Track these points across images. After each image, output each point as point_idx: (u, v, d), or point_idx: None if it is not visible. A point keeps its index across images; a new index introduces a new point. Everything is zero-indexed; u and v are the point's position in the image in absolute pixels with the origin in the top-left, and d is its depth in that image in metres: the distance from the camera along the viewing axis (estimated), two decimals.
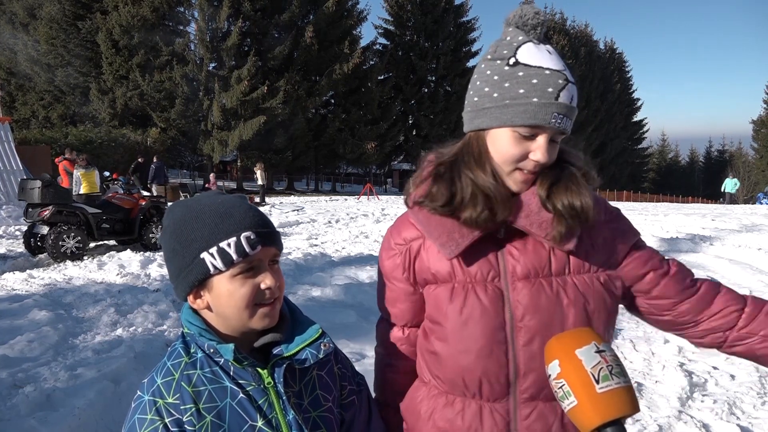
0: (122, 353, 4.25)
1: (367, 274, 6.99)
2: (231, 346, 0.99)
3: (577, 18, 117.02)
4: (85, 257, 8.78)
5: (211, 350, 1.00)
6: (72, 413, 3.20)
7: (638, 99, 61.36)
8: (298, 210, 17.73)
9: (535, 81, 1.03)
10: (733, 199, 25.78)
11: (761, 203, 25.42)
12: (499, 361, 1.11)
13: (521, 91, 1.04)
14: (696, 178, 70.41)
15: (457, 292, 1.14)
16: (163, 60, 29.78)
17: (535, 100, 1.03)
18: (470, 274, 1.13)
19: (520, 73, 1.05)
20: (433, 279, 1.19)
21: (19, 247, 9.64)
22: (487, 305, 1.11)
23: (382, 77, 37.05)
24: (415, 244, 1.21)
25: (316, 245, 9.74)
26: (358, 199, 25.63)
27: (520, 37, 1.08)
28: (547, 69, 1.04)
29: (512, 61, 1.06)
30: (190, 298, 1.04)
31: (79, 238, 8.76)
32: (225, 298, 1.00)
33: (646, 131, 62.86)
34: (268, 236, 1.03)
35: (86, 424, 3.21)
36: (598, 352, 0.92)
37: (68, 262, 8.40)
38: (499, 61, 1.08)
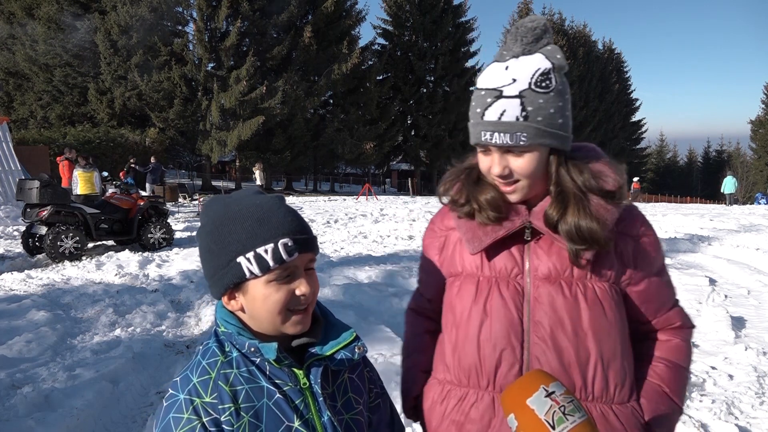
0: (120, 354, 4.25)
1: (365, 274, 6.99)
2: (274, 345, 0.98)
3: (575, 18, 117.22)
4: (84, 257, 8.77)
5: (252, 349, 0.99)
6: (70, 414, 3.20)
7: (637, 99, 61.46)
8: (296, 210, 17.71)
9: (473, 103, 1.16)
10: (734, 200, 25.28)
11: (759, 203, 25.40)
12: (514, 353, 1.18)
13: (469, 113, 1.18)
14: (694, 178, 70.52)
15: (482, 287, 1.22)
16: (162, 60, 29.71)
17: (471, 121, 1.16)
18: (495, 270, 1.22)
19: (472, 96, 1.18)
20: (460, 271, 1.28)
21: (18, 248, 9.63)
22: (508, 300, 1.19)
23: (381, 77, 37.00)
24: (454, 234, 1.32)
25: None
26: (357, 199, 25.63)
27: (493, 59, 1.18)
28: (483, 89, 1.14)
29: (475, 85, 1.19)
30: (224, 298, 1.04)
31: (78, 238, 8.75)
32: (259, 302, 1.00)
33: (645, 131, 62.92)
34: (306, 242, 1.02)
35: (84, 424, 3.21)
36: (548, 395, 0.93)
37: (66, 263, 8.39)
38: None
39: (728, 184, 24.53)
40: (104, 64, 29.87)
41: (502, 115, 1.10)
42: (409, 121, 39.41)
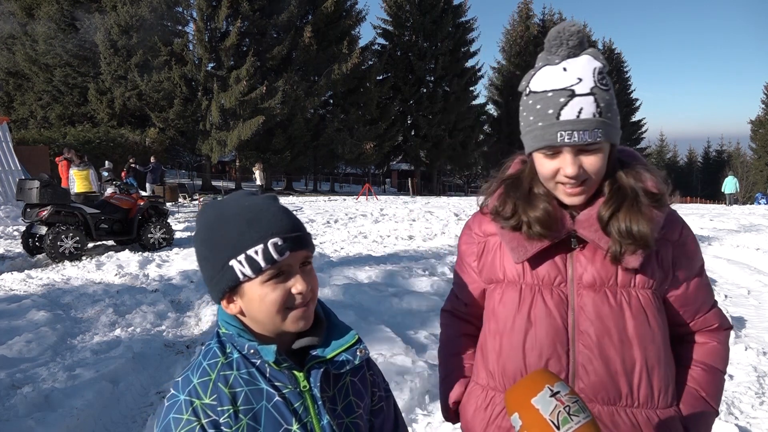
0: (120, 354, 4.25)
1: (365, 274, 6.99)
2: (273, 347, 0.98)
3: (575, 18, 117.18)
4: (84, 257, 8.77)
5: (251, 351, 0.99)
6: (70, 414, 3.20)
7: (637, 99, 61.34)
8: (296, 210, 17.73)
9: (538, 106, 1.13)
10: (734, 200, 25.19)
11: (759, 203, 25.37)
12: (560, 361, 1.18)
13: (531, 118, 1.15)
14: (694, 178, 70.44)
15: (525, 294, 1.22)
16: (162, 60, 29.71)
17: (540, 124, 1.13)
18: (538, 277, 1.21)
19: (530, 102, 1.16)
20: (501, 278, 1.27)
21: (18, 248, 9.63)
22: (552, 308, 1.19)
23: (381, 77, 36.98)
24: (493, 240, 1.31)
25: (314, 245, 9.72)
26: (357, 199, 25.62)
27: (540, 63, 1.18)
28: (551, 91, 1.12)
29: (527, 91, 1.18)
30: (224, 303, 1.04)
31: (78, 238, 8.75)
32: (256, 303, 1.00)
33: (645, 131, 62.87)
34: (298, 240, 1.01)
35: (84, 424, 3.21)
36: (553, 395, 0.93)
37: (66, 263, 8.39)
38: (522, 93, 1.21)
39: (729, 184, 24.42)
40: (104, 64, 29.87)
41: (580, 113, 1.09)
42: (409, 121, 39.40)
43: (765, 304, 5.97)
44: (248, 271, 0.97)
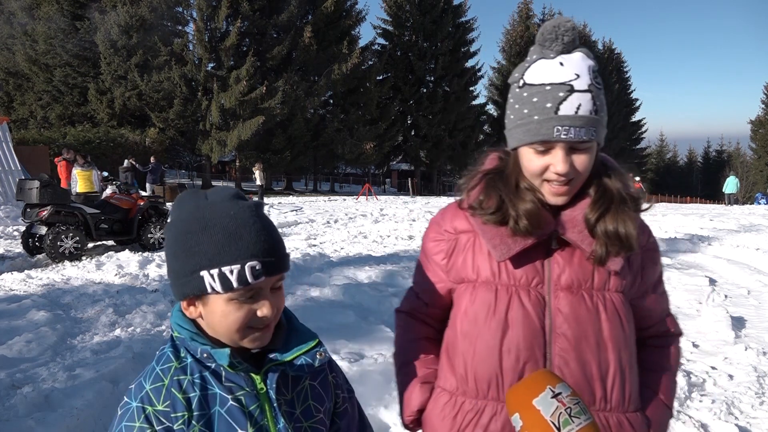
0: (120, 354, 4.24)
1: (365, 275, 6.99)
2: (227, 350, 0.95)
3: (575, 18, 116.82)
4: (84, 257, 8.77)
5: (204, 355, 0.96)
6: (70, 414, 3.20)
7: (637, 99, 61.45)
8: (296, 210, 17.72)
9: (535, 99, 1.10)
10: (733, 200, 25.16)
11: (759, 203, 25.37)
12: (536, 364, 1.15)
13: (525, 111, 1.11)
14: (694, 178, 70.48)
15: (500, 295, 1.18)
16: (162, 60, 29.72)
17: (536, 117, 1.09)
18: (515, 278, 1.18)
19: (525, 94, 1.12)
20: (474, 278, 1.22)
21: (18, 248, 9.62)
22: (530, 310, 1.16)
23: (381, 77, 37.03)
24: (464, 237, 1.26)
25: (314, 245, 9.74)
26: (357, 199, 25.63)
27: (534, 56, 1.14)
28: (549, 85, 1.09)
29: (521, 83, 1.14)
30: (184, 304, 1.01)
31: (78, 238, 8.75)
32: (218, 316, 0.97)
33: (645, 131, 62.98)
34: (275, 265, 0.97)
35: (84, 424, 3.20)
36: (555, 396, 0.93)
37: (66, 263, 8.39)
38: (514, 85, 1.17)
39: (730, 184, 24.40)
40: (104, 64, 29.87)
41: (578, 109, 1.07)
42: (409, 121, 39.42)
43: (765, 304, 5.97)
44: (218, 287, 0.94)
